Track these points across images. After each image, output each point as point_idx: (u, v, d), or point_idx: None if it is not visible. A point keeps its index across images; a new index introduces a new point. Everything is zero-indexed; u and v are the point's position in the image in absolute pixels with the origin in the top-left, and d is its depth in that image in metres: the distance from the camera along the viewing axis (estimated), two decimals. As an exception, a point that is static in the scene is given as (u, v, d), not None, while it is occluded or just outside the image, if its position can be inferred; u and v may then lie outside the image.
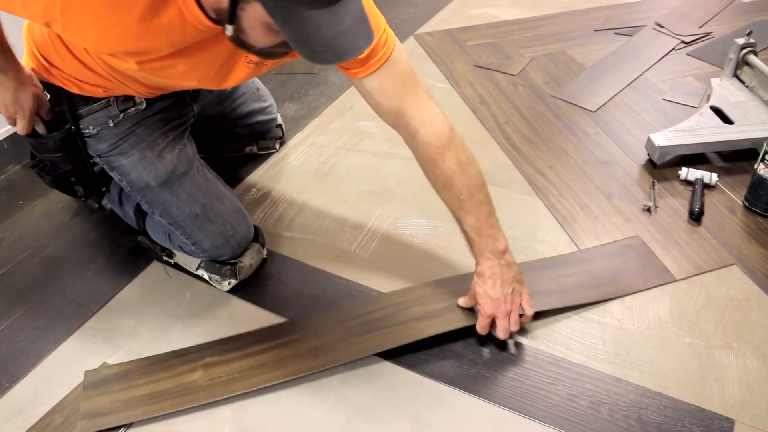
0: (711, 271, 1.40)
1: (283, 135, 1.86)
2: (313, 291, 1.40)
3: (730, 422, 1.12)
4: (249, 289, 1.41)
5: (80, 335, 1.33)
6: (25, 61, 1.26)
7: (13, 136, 1.75)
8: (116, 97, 1.28)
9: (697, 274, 1.40)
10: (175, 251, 1.44)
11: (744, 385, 1.18)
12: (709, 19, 2.41)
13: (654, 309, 1.33)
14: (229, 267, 1.37)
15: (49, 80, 1.25)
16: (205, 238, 1.34)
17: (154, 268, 1.47)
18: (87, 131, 1.29)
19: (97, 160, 1.33)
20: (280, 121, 1.85)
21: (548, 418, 1.14)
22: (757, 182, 1.52)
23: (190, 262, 1.42)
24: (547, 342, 1.27)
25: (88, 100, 1.27)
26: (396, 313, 1.30)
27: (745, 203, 1.57)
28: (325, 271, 1.44)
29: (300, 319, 1.32)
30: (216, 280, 1.39)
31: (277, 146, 1.84)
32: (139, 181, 1.31)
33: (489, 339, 1.26)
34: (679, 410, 1.15)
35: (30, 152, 1.36)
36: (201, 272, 1.40)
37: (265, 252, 1.45)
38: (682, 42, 2.28)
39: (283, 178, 1.73)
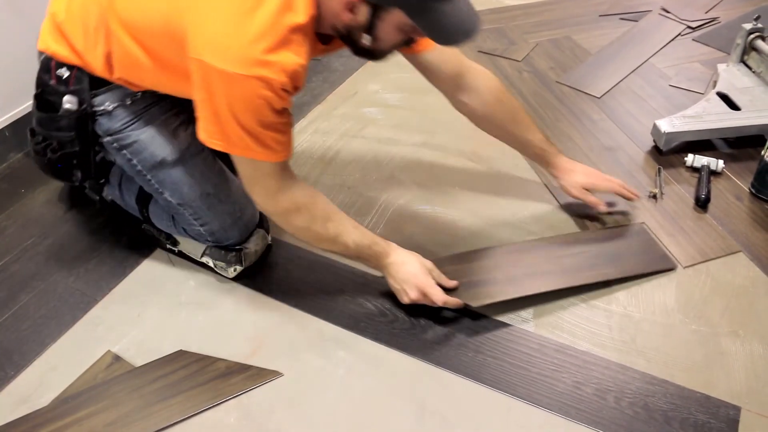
0: (717, 258, 1.40)
1: None
2: (318, 278, 1.39)
3: (737, 409, 1.12)
4: (253, 276, 1.40)
5: (84, 324, 1.32)
6: (45, 40, 1.24)
7: (15, 124, 1.74)
8: None
9: (703, 261, 1.39)
10: (179, 239, 1.43)
11: (750, 372, 1.18)
12: (716, 4, 2.39)
13: (660, 296, 1.32)
14: (234, 253, 1.37)
15: (67, 60, 1.22)
16: (214, 219, 1.34)
17: (158, 256, 1.46)
18: (101, 108, 1.26)
19: (106, 140, 1.29)
20: None
21: (554, 405, 1.14)
22: (764, 169, 1.51)
23: (194, 249, 1.42)
24: (552, 329, 1.27)
25: (106, 81, 1.25)
26: (198, 371, 1.22)
27: (752, 190, 1.56)
28: (330, 259, 1.44)
29: (98, 388, 1.19)
30: (221, 267, 1.38)
31: None
32: (153, 157, 1.30)
33: (495, 326, 1.27)
34: (685, 398, 1.14)
35: (30, 130, 1.32)
36: (206, 259, 1.40)
37: (269, 238, 1.45)
38: (688, 27, 2.26)
39: (287, 165, 1.72)
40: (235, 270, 1.38)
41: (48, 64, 1.25)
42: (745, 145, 1.69)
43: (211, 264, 1.40)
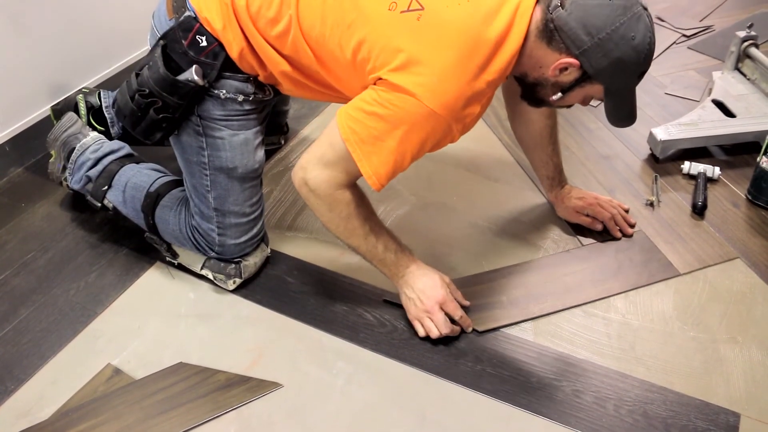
0: (715, 264, 1.40)
1: (288, 131, 1.86)
2: (318, 290, 1.40)
3: (736, 416, 1.12)
4: (252, 288, 1.41)
5: (84, 337, 1.32)
6: (203, 4, 1.22)
7: (15, 139, 1.75)
8: (255, 78, 1.29)
9: (701, 268, 1.40)
10: (179, 251, 1.44)
11: (749, 378, 1.18)
12: (710, 12, 2.41)
13: (658, 304, 1.33)
14: (233, 266, 1.37)
15: (215, 33, 1.22)
16: (233, 235, 1.36)
17: (157, 270, 1.47)
18: (217, 91, 1.26)
19: (194, 118, 1.29)
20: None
21: (553, 414, 1.14)
22: (760, 175, 1.52)
23: (194, 262, 1.42)
24: (551, 338, 1.27)
25: (237, 69, 1.26)
26: (198, 383, 1.22)
27: (749, 196, 1.56)
28: (329, 270, 1.44)
29: (99, 401, 1.20)
30: (221, 280, 1.39)
31: (282, 142, 1.84)
32: (228, 161, 1.31)
33: (494, 335, 1.27)
34: (684, 405, 1.15)
35: (136, 75, 1.27)
36: (205, 272, 1.40)
37: (268, 250, 1.45)
38: (683, 35, 2.27)
39: (285, 176, 1.73)
40: (234, 282, 1.39)
41: (191, 24, 1.22)
42: (740, 151, 1.70)
43: (210, 276, 1.40)
